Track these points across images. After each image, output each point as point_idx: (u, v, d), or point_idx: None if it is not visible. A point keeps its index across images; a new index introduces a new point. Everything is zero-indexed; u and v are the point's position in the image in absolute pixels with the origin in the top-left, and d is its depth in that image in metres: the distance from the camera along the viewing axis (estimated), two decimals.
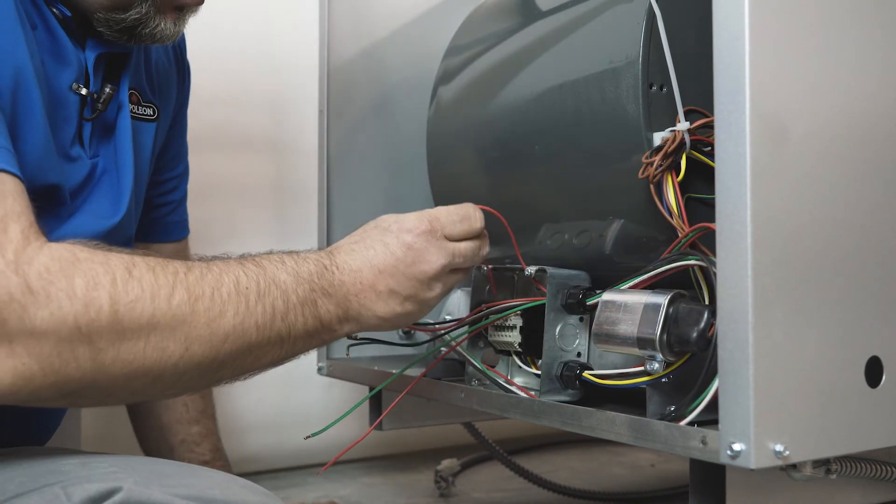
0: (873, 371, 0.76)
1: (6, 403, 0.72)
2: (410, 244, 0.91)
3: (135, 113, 1.04)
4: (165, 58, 1.14)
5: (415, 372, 1.10)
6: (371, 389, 1.18)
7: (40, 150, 0.87)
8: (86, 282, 0.71)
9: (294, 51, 1.71)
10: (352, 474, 1.74)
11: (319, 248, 0.93)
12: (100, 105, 0.95)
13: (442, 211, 0.95)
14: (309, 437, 1.06)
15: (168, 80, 1.13)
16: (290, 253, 0.88)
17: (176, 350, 0.75)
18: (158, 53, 1.12)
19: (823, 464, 0.77)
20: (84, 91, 0.93)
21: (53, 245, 0.73)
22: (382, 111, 1.33)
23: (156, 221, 1.23)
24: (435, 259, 0.91)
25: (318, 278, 0.87)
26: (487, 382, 1.02)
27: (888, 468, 0.85)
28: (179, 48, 1.19)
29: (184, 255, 1.30)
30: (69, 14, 0.92)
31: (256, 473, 1.73)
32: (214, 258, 0.84)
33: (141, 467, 0.76)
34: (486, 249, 0.97)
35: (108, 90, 0.95)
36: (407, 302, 0.90)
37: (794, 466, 0.75)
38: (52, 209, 0.92)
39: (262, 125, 1.78)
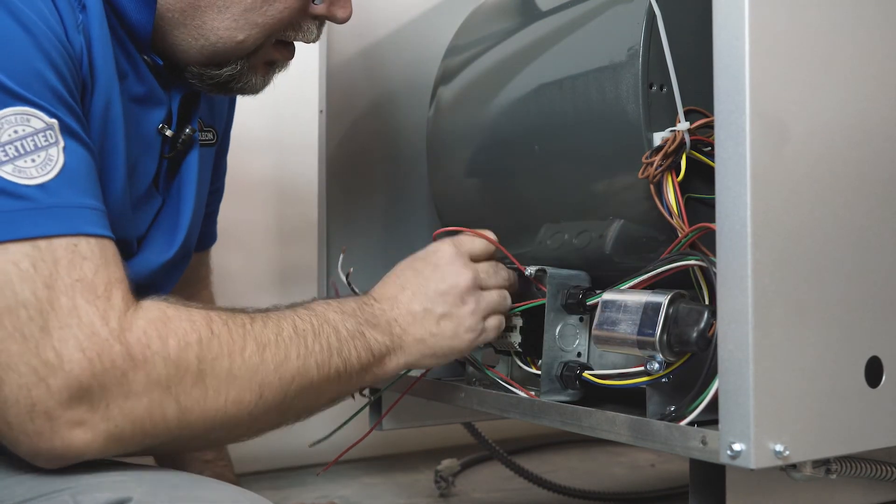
0: (873, 371, 0.76)
1: (92, 458, 0.74)
2: (437, 264, 0.95)
3: (200, 140, 1.04)
4: None
5: (415, 372, 1.10)
6: (371, 391, 1.18)
7: (119, 204, 0.88)
8: (177, 342, 0.76)
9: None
10: (352, 474, 1.74)
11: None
12: (179, 145, 0.97)
13: (461, 236, 1.00)
14: (313, 444, 1.07)
15: (222, 102, 1.14)
16: (330, 298, 0.94)
17: (251, 399, 0.80)
18: None
19: (823, 464, 0.77)
20: (169, 132, 0.95)
21: (146, 305, 0.77)
22: (382, 111, 1.33)
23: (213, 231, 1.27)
24: (463, 274, 0.94)
25: (361, 311, 0.91)
26: (487, 382, 1.02)
27: (888, 468, 0.85)
28: None
29: (204, 261, 1.33)
30: (161, 63, 0.92)
31: (256, 473, 1.73)
32: (269, 309, 0.87)
33: (150, 478, 0.76)
34: (503, 272, 0.99)
35: (188, 131, 0.97)
36: (443, 321, 0.93)
37: (794, 466, 0.74)
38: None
39: (262, 125, 1.78)
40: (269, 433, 0.87)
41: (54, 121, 0.76)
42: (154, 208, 0.97)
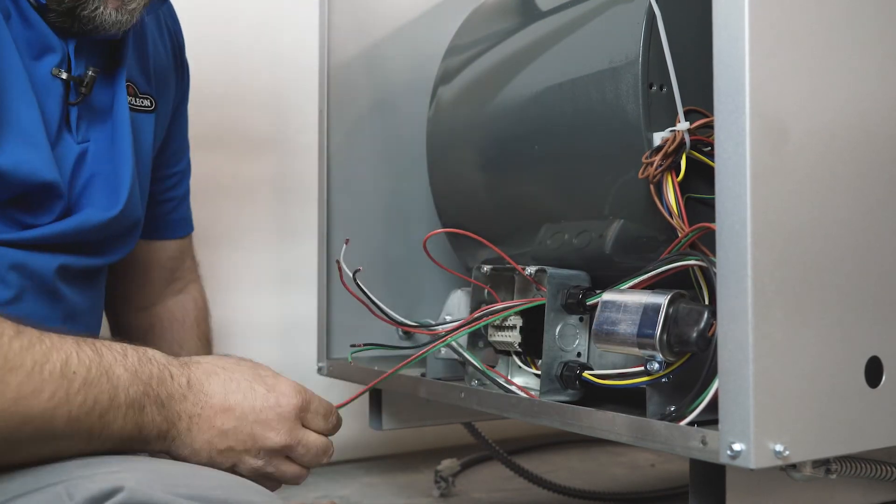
0: (873, 371, 0.76)
1: None
2: (273, 406, 0.87)
3: (132, 105, 1.05)
4: (164, 53, 1.15)
5: (413, 372, 1.10)
6: (371, 391, 1.18)
7: (30, 144, 0.88)
8: None
9: (294, 51, 1.71)
10: (352, 474, 1.74)
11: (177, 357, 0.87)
12: (83, 89, 0.96)
13: (315, 398, 0.92)
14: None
15: (166, 74, 1.14)
16: (137, 348, 0.82)
17: None
18: (156, 48, 1.13)
19: (823, 464, 0.77)
20: (64, 75, 0.94)
21: None
22: (382, 111, 1.33)
23: (159, 218, 1.23)
24: (280, 437, 0.87)
25: (158, 384, 0.82)
26: (487, 382, 1.02)
27: (888, 468, 0.85)
28: (178, 44, 1.20)
29: (188, 253, 1.32)
30: (44, 1, 0.92)
31: None
32: (53, 330, 0.77)
33: (143, 467, 0.76)
34: (327, 457, 0.93)
35: (90, 73, 0.96)
36: (227, 453, 0.85)
37: (793, 466, 0.75)
38: (50, 205, 0.93)
39: (262, 125, 1.78)
40: None
41: None
42: (72, 154, 0.96)
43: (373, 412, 1.24)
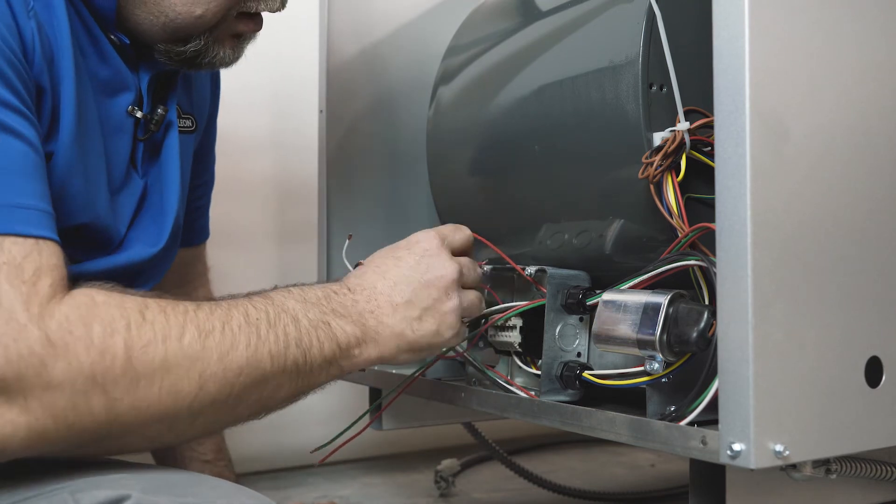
0: (873, 371, 0.76)
1: (19, 457, 0.71)
2: (422, 253, 0.91)
3: (179, 127, 1.04)
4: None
5: (410, 370, 1.10)
6: (371, 390, 1.18)
7: (96, 187, 0.88)
8: (103, 328, 0.71)
9: (294, 51, 1.71)
10: (352, 474, 1.74)
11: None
12: (152, 126, 0.96)
13: (442, 227, 0.96)
14: (315, 451, 1.06)
15: (203, 90, 1.14)
16: (295, 284, 0.87)
17: (190, 390, 0.74)
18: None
19: (823, 464, 0.77)
20: (139, 114, 0.94)
21: (75, 292, 0.73)
22: (382, 111, 1.33)
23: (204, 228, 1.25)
24: (449, 267, 0.90)
25: (328, 301, 0.86)
26: (487, 382, 1.02)
27: (888, 468, 0.85)
28: None
29: (200, 259, 1.31)
30: (128, 42, 0.92)
31: (256, 473, 1.73)
32: (222, 298, 0.83)
33: (149, 475, 0.76)
34: (478, 270, 0.96)
35: (160, 111, 0.96)
36: (426, 315, 0.89)
37: (794, 466, 0.75)
38: (103, 244, 0.92)
39: (262, 125, 1.78)
40: (269, 433, 0.85)
41: None
42: (136, 192, 0.96)
43: (373, 413, 1.24)
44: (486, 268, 1.03)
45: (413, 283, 0.89)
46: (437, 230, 0.94)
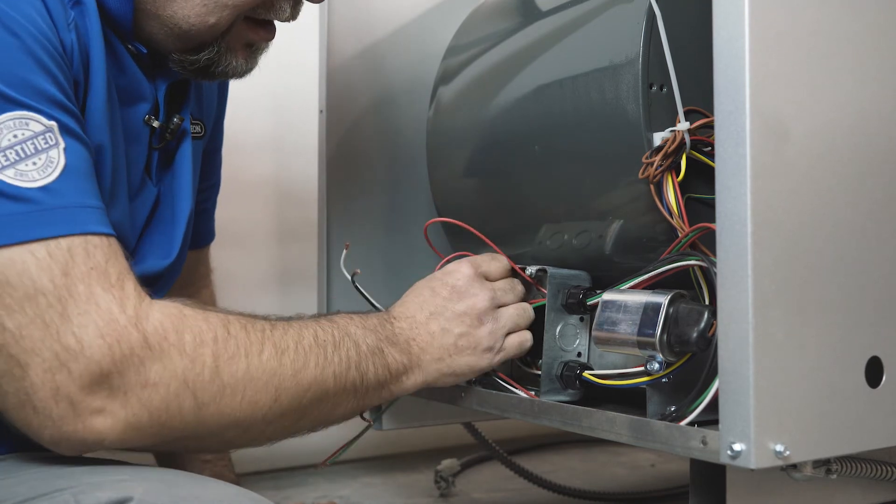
0: (873, 371, 0.76)
1: (109, 449, 0.76)
2: (454, 285, 0.96)
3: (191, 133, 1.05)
4: None
5: None
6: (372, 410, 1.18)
7: (118, 194, 0.89)
8: (193, 338, 0.77)
9: (294, 51, 1.71)
10: (352, 474, 1.74)
11: None
12: (168, 135, 0.97)
13: (477, 257, 1.02)
14: (327, 463, 1.08)
15: (210, 94, 1.14)
16: (356, 312, 0.94)
17: (267, 402, 0.81)
18: None
19: (824, 464, 0.77)
20: (156, 123, 0.95)
21: (162, 302, 0.79)
22: (382, 111, 1.33)
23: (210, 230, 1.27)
24: (480, 294, 0.96)
25: (381, 328, 0.92)
26: (488, 382, 1.01)
27: (888, 468, 0.85)
28: None
29: (203, 261, 1.32)
30: (145, 51, 0.92)
31: (256, 473, 1.73)
32: (291, 318, 0.89)
33: (151, 477, 0.76)
34: (519, 287, 1.00)
35: (176, 120, 0.97)
36: (461, 340, 0.95)
37: (794, 466, 0.75)
38: None
39: (263, 125, 1.78)
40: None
41: (53, 123, 0.77)
42: (150, 199, 0.97)
43: (372, 410, 1.24)
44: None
45: (447, 313, 0.95)
46: (472, 260, 1.00)
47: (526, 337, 0.98)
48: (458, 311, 0.95)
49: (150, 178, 0.97)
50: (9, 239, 0.73)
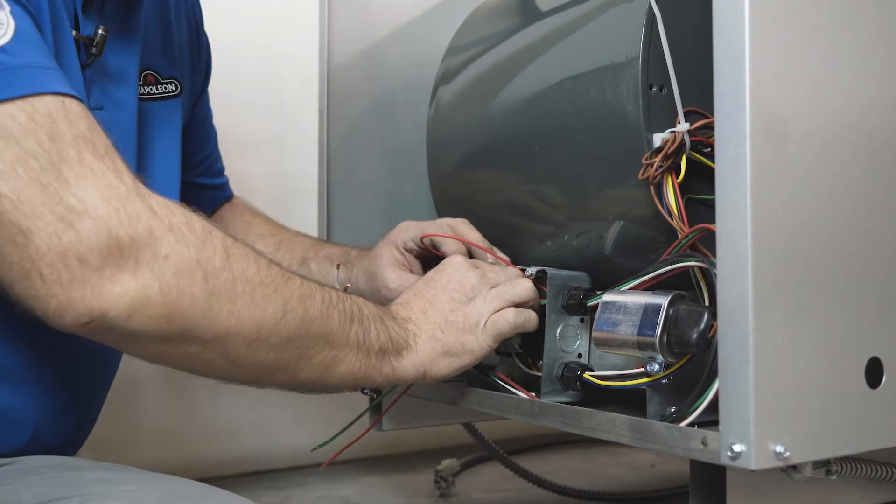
0: (873, 372, 0.76)
1: (110, 332, 0.71)
2: (443, 269, 0.97)
3: (154, 93, 1.02)
4: (186, 31, 1.12)
5: None
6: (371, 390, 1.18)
7: None
8: (202, 225, 0.74)
9: (294, 51, 1.71)
10: (352, 474, 1.74)
11: None
12: (94, 49, 0.91)
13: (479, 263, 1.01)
14: (315, 448, 1.07)
15: (182, 51, 1.11)
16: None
17: (275, 312, 0.77)
18: (179, 28, 1.10)
19: (824, 465, 0.77)
20: (74, 34, 0.89)
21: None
22: (382, 111, 1.33)
23: (221, 189, 1.27)
24: (469, 273, 0.95)
25: (381, 307, 0.92)
26: (488, 383, 1.01)
27: (888, 469, 0.85)
28: (196, 21, 1.17)
29: (244, 214, 1.32)
30: None
31: (256, 473, 1.73)
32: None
33: (159, 486, 0.75)
34: (514, 270, 0.99)
35: (101, 32, 0.91)
36: (451, 315, 0.93)
37: (794, 467, 0.74)
38: None
39: (262, 125, 1.78)
40: (269, 433, 0.86)
41: None
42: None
43: (372, 411, 1.24)
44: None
45: (438, 293, 0.94)
46: (464, 253, 1.01)
47: (516, 315, 0.94)
48: (448, 288, 0.94)
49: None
50: None
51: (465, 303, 0.94)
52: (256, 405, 1.69)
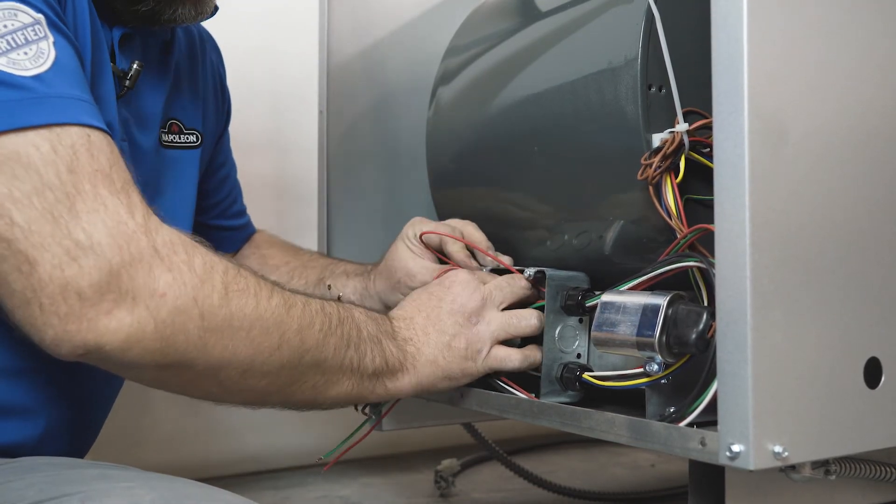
0: (872, 372, 0.76)
1: (106, 362, 0.74)
2: (449, 286, 0.96)
3: (176, 143, 1.05)
4: (211, 84, 1.15)
5: None
6: (372, 408, 1.18)
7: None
8: (203, 262, 0.76)
9: (294, 51, 1.71)
10: (352, 474, 1.75)
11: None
12: (128, 82, 0.94)
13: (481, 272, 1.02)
14: (322, 458, 1.07)
15: (208, 106, 1.14)
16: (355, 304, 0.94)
17: (269, 347, 0.79)
18: (204, 80, 1.13)
19: (822, 465, 0.77)
20: (111, 66, 0.93)
21: (171, 226, 0.77)
22: (382, 111, 1.33)
23: (241, 231, 1.28)
24: (470, 294, 0.95)
25: (382, 322, 0.92)
26: (487, 384, 1.02)
27: (887, 469, 0.85)
28: (220, 75, 1.20)
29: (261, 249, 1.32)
30: None
31: (256, 473, 1.73)
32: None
33: (160, 485, 0.75)
34: (520, 282, 0.99)
35: (136, 66, 0.94)
36: (454, 342, 0.93)
37: (793, 467, 0.74)
38: None
39: (262, 125, 1.78)
40: (269, 433, 0.86)
41: (41, 16, 0.76)
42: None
43: (373, 412, 1.24)
44: (486, 269, 1.03)
45: (442, 313, 0.94)
46: (468, 272, 0.99)
47: (522, 360, 0.95)
48: (451, 309, 0.94)
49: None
50: (7, 125, 0.71)
51: (468, 326, 0.94)
52: None
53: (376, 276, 1.13)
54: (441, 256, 1.07)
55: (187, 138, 1.06)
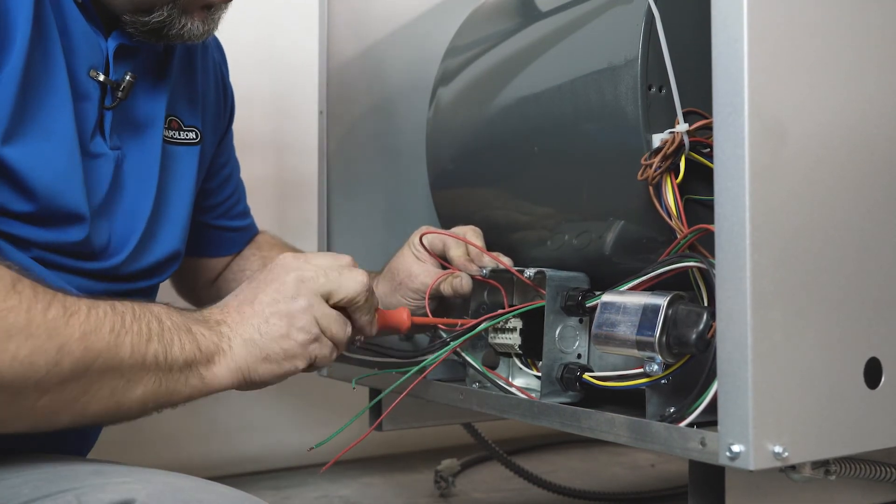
0: (872, 372, 0.76)
1: None
2: (271, 269, 0.91)
3: (176, 139, 1.05)
4: (212, 84, 1.15)
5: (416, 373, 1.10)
6: (370, 391, 1.18)
7: (62, 163, 0.87)
8: None
9: (294, 51, 1.71)
10: (352, 474, 1.75)
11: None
12: (120, 93, 0.93)
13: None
14: (313, 448, 1.07)
15: (207, 103, 1.14)
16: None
17: (44, 364, 0.72)
18: (205, 78, 1.13)
19: (822, 465, 0.77)
20: (101, 78, 0.92)
21: None
22: (382, 112, 1.33)
23: (223, 238, 1.26)
24: (293, 270, 0.90)
25: (189, 313, 0.87)
26: (488, 384, 1.02)
27: (887, 469, 0.85)
28: (222, 74, 1.20)
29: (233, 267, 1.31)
30: (88, 2, 0.91)
31: (256, 473, 1.73)
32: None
33: (155, 479, 0.76)
34: (345, 259, 0.94)
35: (128, 78, 0.94)
36: (272, 317, 0.87)
37: (793, 468, 0.75)
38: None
39: (262, 125, 1.78)
40: (269, 433, 0.85)
41: None
42: (108, 162, 0.94)
43: (373, 412, 1.24)
44: (486, 269, 1.03)
45: (258, 290, 0.89)
46: (303, 262, 0.93)
47: (332, 353, 0.91)
48: (272, 287, 0.89)
49: (103, 138, 0.94)
50: None
51: (287, 301, 0.88)
52: (256, 405, 1.69)
53: (379, 280, 1.12)
54: (443, 262, 1.08)
55: (186, 135, 1.06)
